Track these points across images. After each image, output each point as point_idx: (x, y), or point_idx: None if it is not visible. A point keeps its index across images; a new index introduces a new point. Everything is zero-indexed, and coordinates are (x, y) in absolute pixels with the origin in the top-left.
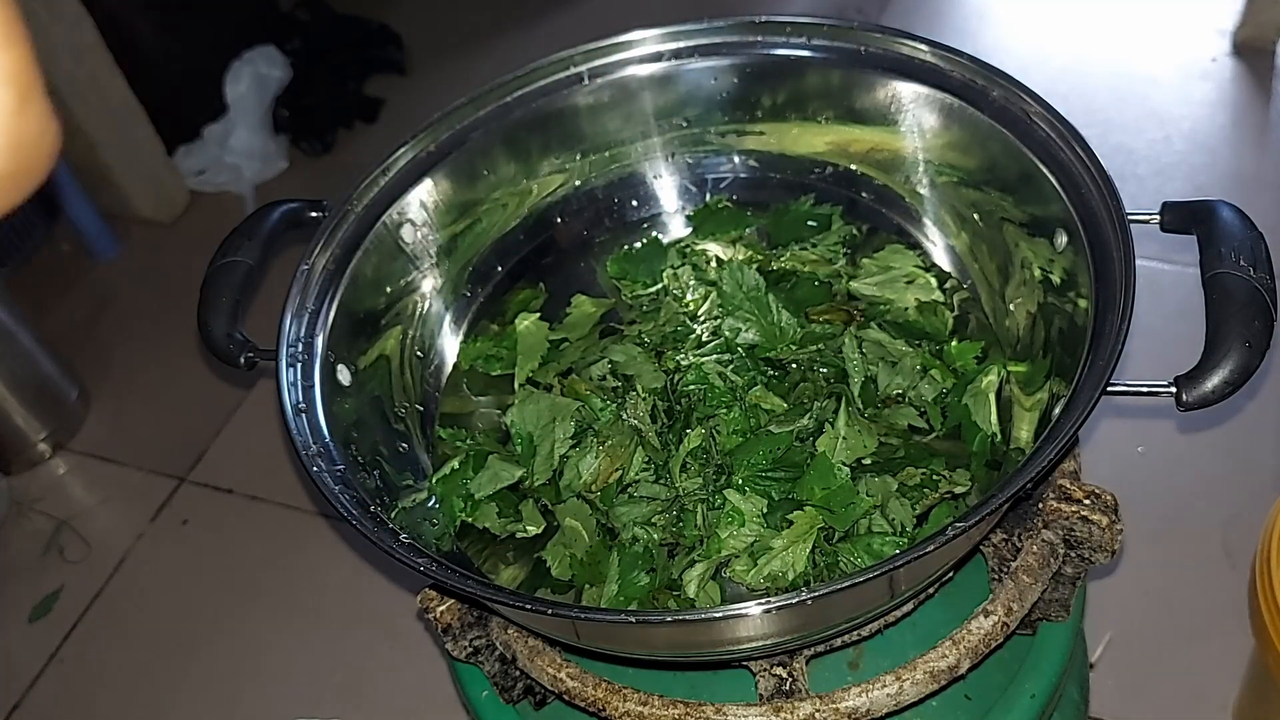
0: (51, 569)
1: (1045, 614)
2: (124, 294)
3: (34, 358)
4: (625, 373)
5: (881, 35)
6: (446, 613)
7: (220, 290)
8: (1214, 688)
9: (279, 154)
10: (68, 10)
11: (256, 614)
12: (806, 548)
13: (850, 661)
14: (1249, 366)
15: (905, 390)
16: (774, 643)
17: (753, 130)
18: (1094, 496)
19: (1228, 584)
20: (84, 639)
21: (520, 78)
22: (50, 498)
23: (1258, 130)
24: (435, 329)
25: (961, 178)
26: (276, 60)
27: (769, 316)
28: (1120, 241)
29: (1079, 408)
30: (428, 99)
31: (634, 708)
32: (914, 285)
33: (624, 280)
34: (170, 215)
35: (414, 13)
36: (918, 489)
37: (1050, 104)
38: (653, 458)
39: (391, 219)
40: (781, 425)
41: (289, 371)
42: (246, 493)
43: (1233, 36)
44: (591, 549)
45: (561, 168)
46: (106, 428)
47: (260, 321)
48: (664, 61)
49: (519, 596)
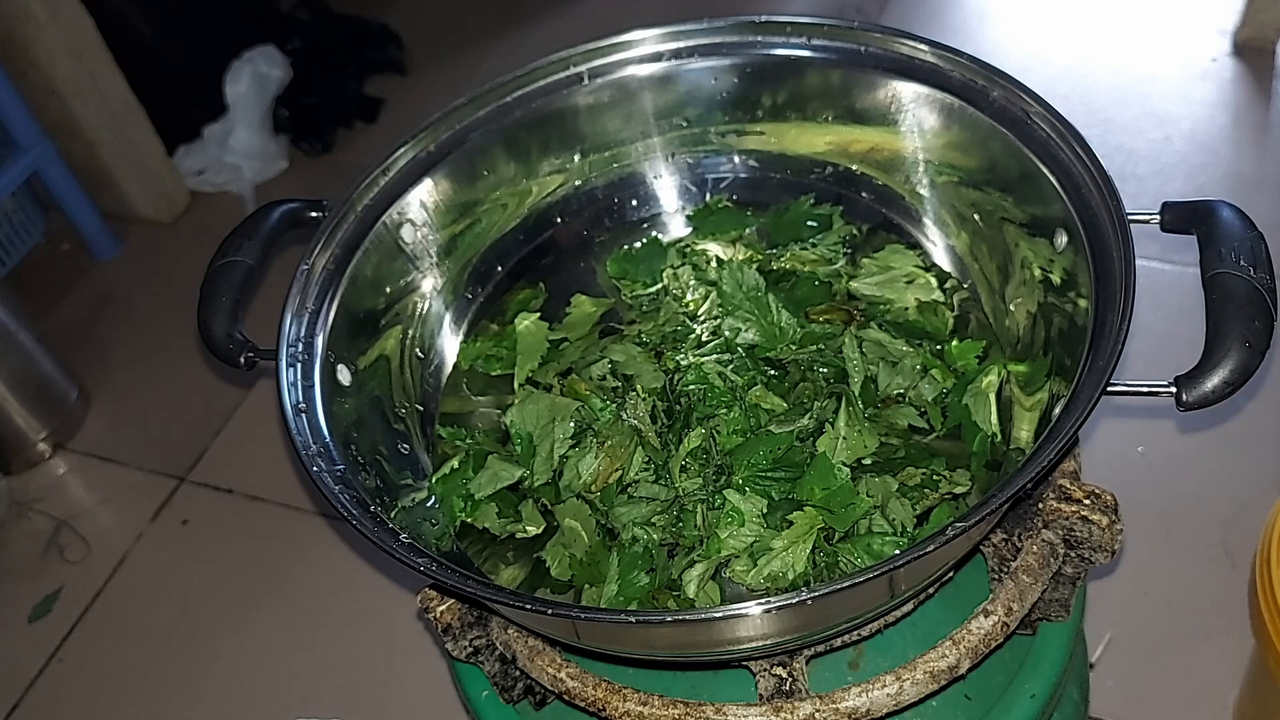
0: (51, 569)
1: (1045, 614)
2: (124, 294)
3: (34, 358)
4: (625, 373)
5: (881, 35)
6: (446, 613)
7: (220, 290)
8: (1214, 688)
9: (279, 154)
10: (67, 10)
11: (256, 614)
12: (806, 548)
13: (850, 661)
14: (1249, 366)
15: (905, 390)
16: (774, 643)
17: (753, 130)
18: (1094, 496)
19: (1228, 584)
20: (84, 639)
21: (520, 78)
22: (50, 498)
23: (1258, 130)
24: (435, 329)
25: (961, 178)
26: (276, 60)
27: (769, 316)
28: (1120, 241)
29: (1079, 408)
30: (428, 99)
31: (634, 708)
32: (914, 285)
33: (624, 280)
34: (170, 215)
35: (414, 13)
36: (918, 489)
37: (1050, 104)
38: (653, 458)
39: (391, 219)
40: (781, 425)
41: (289, 371)
42: (246, 493)
43: (1233, 36)
44: (591, 549)
45: (561, 168)
46: (106, 428)
47: (260, 321)
48: (664, 61)
49: (519, 596)
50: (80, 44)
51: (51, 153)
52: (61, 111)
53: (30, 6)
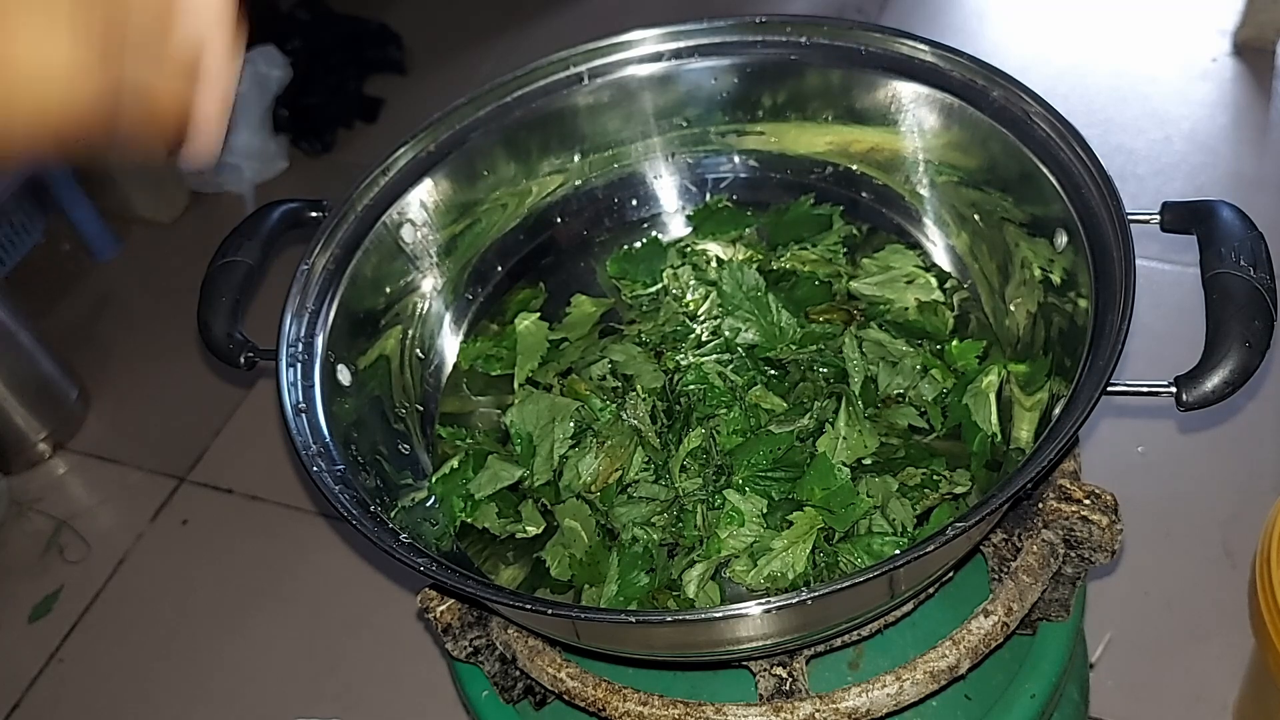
0: (51, 569)
1: (1045, 614)
2: (124, 294)
3: (34, 358)
4: (625, 372)
5: (881, 35)
6: (446, 613)
7: (220, 290)
8: (1214, 688)
9: (279, 154)
10: None
11: (256, 614)
12: (806, 548)
13: (850, 661)
14: (1249, 366)
15: (905, 390)
16: (774, 643)
17: (753, 130)
18: (1094, 496)
19: (1228, 584)
20: (84, 639)
21: (520, 78)
22: (50, 498)
23: (1258, 130)
24: (435, 329)
25: (961, 177)
26: (276, 60)
27: (769, 316)
28: (1120, 241)
29: (1079, 408)
30: (428, 99)
31: (634, 708)
32: (914, 285)
33: (624, 280)
34: (170, 215)
35: (414, 13)
36: (918, 489)
37: (1050, 104)
38: (652, 458)
39: (391, 219)
40: (781, 425)
41: (289, 371)
42: (246, 493)
43: (1233, 36)
44: (591, 549)
45: (561, 168)
46: (106, 428)
47: (260, 321)
48: (664, 61)
49: (519, 596)
50: None
51: None
52: None
53: None
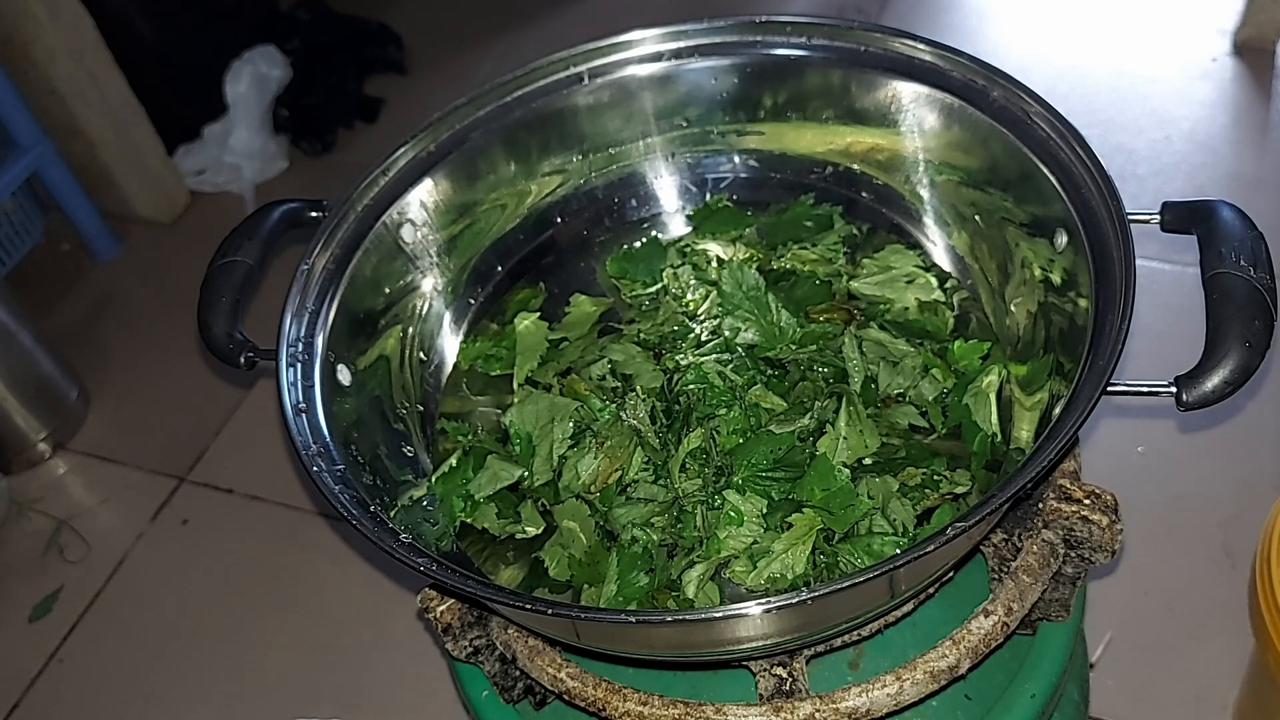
0: (51, 569)
1: (1045, 614)
2: (124, 294)
3: (34, 357)
4: (624, 372)
5: (881, 35)
6: (446, 613)
7: (220, 290)
8: (1214, 688)
9: (279, 154)
10: (67, 10)
11: (256, 614)
12: (806, 550)
13: (850, 661)
14: (1249, 366)
15: (906, 390)
16: (774, 643)
17: (753, 130)
18: (1094, 496)
19: (1228, 584)
20: (84, 639)
21: (520, 78)
22: (50, 498)
23: (1258, 130)
24: (435, 329)
25: (962, 177)
26: (276, 60)
27: (769, 316)
28: (1120, 241)
29: (1079, 408)
30: (428, 99)
31: (634, 708)
32: (914, 285)
33: (624, 280)
34: (170, 215)
35: (414, 13)
36: (918, 489)
37: (1050, 104)
38: (652, 458)
39: (391, 219)
40: (781, 425)
41: (289, 371)
42: (246, 493)
43: (1233, 36)
44: (590, 549)
45: (561, 168)
46: (106, 427)
47: (260, 321)
48: (664, 61)
49: (519, 596)
50: (80, 44)
51: (51, 152)
52: (61, 111)
53: (30, 6)
